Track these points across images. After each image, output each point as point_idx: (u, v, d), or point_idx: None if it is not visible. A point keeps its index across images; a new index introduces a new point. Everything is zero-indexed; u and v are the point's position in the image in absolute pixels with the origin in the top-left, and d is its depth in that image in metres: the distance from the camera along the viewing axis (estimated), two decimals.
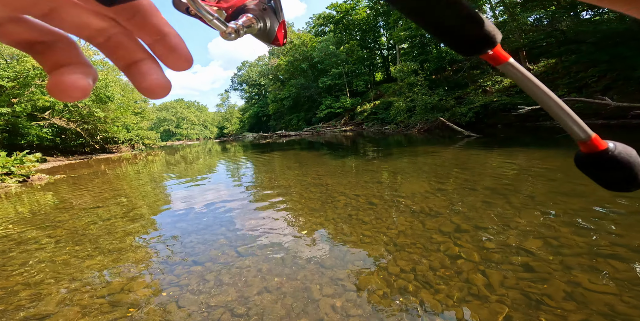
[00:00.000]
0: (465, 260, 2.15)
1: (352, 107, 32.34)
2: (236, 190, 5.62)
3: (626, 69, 12.14)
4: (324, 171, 6.84)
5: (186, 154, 20.09)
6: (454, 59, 20.62)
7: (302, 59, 39.80)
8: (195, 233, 3.36)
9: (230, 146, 26.29)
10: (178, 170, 10.45)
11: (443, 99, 18.22)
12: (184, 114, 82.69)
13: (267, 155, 13.00)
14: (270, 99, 47.93)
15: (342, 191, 4.52)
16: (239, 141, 39.77)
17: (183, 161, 14.86)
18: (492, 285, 1.83)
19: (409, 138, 14.56)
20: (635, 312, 1.46)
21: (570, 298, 1.64)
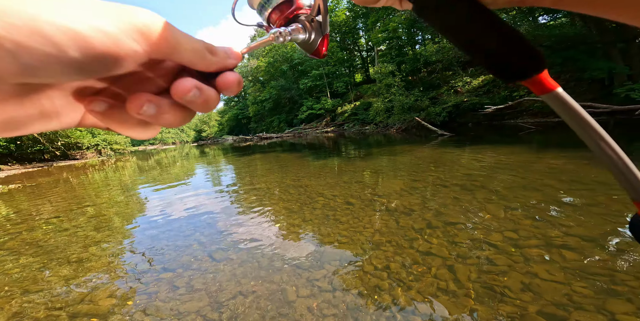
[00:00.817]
0: (435, 256, 2.24)
1: (333, 109, 32.60)
2: (214, 194, 5.46)
3: (577, 71, 13.28)
4: (304, 172, 6.83)
5: (161, 159, 19.22)
6: (428, 61, 21.43)
7: (282, 61, 39.53)
8: (167, 240, 3.22)
9: (209, 150, 25.52)
10: (152, 176, 9.96)
11: (419, 100, 18.87)
12: None
13: (247, 158, 12.76)
14: (250, 101, 47.11)
15: (321, 192, 4.53)
16: (218, 144, 38.73)
17: (158, 166, 14.20)
18: (460, 280, 1.91)
19: (388, 138, 14.92)
20: (585, 300, 1.59)
21: (528, 289, 1.75)
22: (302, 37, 0.26)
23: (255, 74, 47.96)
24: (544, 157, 5.39)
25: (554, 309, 1.55)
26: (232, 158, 13.75)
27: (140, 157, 24.16)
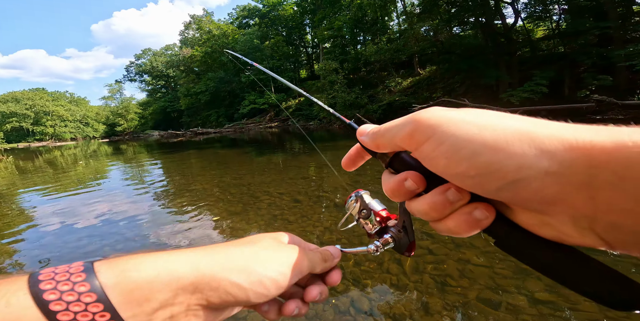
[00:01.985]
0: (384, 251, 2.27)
1: (277, 104, 31.77)
2: (136, 198, 4.58)
3: (477, 77, 15.94)
4: (246, 169, 6.36)
5: (54, 159, 15.42)
6: (368, 61, 22.70)
7: (222, 51, 36.35)
8: (71, 253, 2.51)
9: (126, 147, 21.83)
10: (43, 180, 7.88)
11: (359, 97, 19.87)
12: (47, 108, 60.27)
13: (179, 156, 11.31)
14: (182, 93, 42.07)
15: (266, 190, 4.24)
16: (139, 140, 33.53)
17: (50, 167, 11.35)
18: (407, 273, 1.96)
19: (331, 133, 15.29)
20: (507, 282, 1.79)
21: (463, 275, 1.90)
22: (392, 245, 0.31)
23: (188, 64, 42.95)
24: None
25: (489, 293, 1.70)
26: (160, 156, 12.00)
27: (21, 157, 18.85)
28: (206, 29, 40.51)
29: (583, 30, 12.05)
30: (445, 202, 0.20)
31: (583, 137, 0.15)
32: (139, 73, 58.91)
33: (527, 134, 0.16)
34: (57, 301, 0.17)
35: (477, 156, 0.17)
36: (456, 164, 0.18)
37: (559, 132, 0.16)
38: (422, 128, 0.20)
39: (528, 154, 0.16)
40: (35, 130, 59.60)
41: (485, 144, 0.17)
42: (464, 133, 0.18)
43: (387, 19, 26.36)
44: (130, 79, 60.82)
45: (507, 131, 0.17)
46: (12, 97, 59.64)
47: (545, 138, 0.16)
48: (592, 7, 11.84)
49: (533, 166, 0.16)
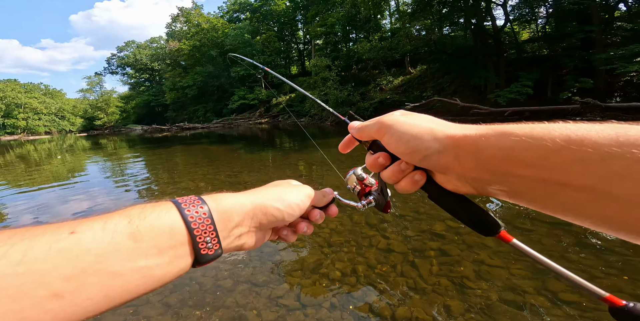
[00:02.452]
0: (396, 253, 2.21)
1: (267, 99, 31.16)
2: (119, 196, 4.32)
3: (466, 77, 16.26)
4: (240, 166, 6.17)
5: (27, 153, 14.51)
6: (360, 58, 22.67)
7: (212, 45, 35.07)
8: None
9: (106, 141, 20.86)
10: (13, 175, 7.35)
11: (351, 95, 19.83)
12: (19, 100, 56.54)
13: (164, 151, 10.87)
14: (167, 86, 40.51)
15: None
16: (121, 134, 32.15)
17: (22, 162, 10.64)
18: (423, 276, 1.91)
19: (322, 130, 15.18)
20: (526, 283, 1.77)
21: (480, 276, 1.87)
22: (374, 204, 0.42)
23: (175, 57, 41.34)
24: None
25: (509, 294, 1.68)
26: (144, 151, 11.48)
27: None
28: (195, 22, 39.15)
29: (568, 34, 12.49)
30: (399, 170, 0.33)
31: (460, 131, 0.28)
32: (121, 66, 56.56)
33: (432, 130, 0.30)
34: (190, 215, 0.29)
35: (408, 142, 0.31)
36: (399, 147, 0.32)
37: (448, 129, 0.29)
38: (384, 126, 0.33)
39: (430, 140, 0.29)
40: (6, 123, 55.80)
41: (412, 136, 0.30)
42: (403, 130, 0.31)
43: (379, 17, 26.36)
44: (112, 72, 58.28)
45: (423, 128, 0.30)
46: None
47: (439, 132, 0.29)
48: (577, 11, 12.26)
49: (431, 147, 0.29)
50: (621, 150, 0.18)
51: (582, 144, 0.20)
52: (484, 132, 0.26)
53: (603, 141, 0.19)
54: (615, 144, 0.19)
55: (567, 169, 0.21)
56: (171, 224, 0.27)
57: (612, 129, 0.20)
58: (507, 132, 0.25)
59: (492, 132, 0.26)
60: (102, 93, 58.52)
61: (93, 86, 59.64)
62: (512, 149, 0.24)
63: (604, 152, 0.19)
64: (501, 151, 0.24)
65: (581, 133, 0.21)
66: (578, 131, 0.21)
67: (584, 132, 0.21)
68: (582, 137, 0.20)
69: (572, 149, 0.20)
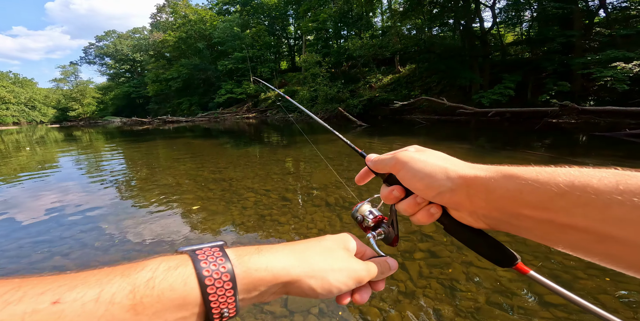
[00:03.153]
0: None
1: (255, 94, 30.49)
2: (95, 190, 4.04)
3: (453, 77, 16.56)
4: (225, 162, 5.95)
5: None
6: (351, 55, 22.55)
7: (199, 38, 33.83)
8: (13, 263, 2.08)
9: (80, 133, 19.74)
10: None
11: (340, 91, 19.72)
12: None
13: (145, 145, 10.38)
14: (150, 78, 38.86)
15: (250, 187, 3.96)
16: (97, 126, 30.57)
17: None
18: (413, 278, 1.87)
19: (311, 126, 15.02)
20: (513, 285, 1.77)
21: (470, 279, 1.85)
22: (382, 236, 0.42)
23: (159, 48, 39.58)
24: (441, 149, 6.41)
25: (497, 296, 1.67)
26: (122, 144, 10.92)
27: None
28: (182, 13, 37.55)
29: (550, 38, 12.91)
30: (415, 203, 0.34)
31: (472, 172, 0.30)
32: (100, 56, 54.04)
33: (445, 169, 0.31)
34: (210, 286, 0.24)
35: (422, 179, 0.32)
36: (414, 183, 0.33)
37: (461, 169, 0.31)
38: (399, 162, 0.35)
39: (443, 179, 0.31)
40: None
41: (426, 174, 0.32)
42: (418, 167, 0.33)
43: (371, 15, 26.26)
44: (89, 62, 55.46)
45: (437, 167, 0.32)
46: None
47: (452, 172, 0.31)
48: (560, 16, 12.66)
49: (444, 186, 0.31)
50: (622, 197, 0.20)
51: (585, 191, 0.22)
52: (494, 175, 0.28)
53: (605, 188, 0.21)
54: (616, 191, 0.21)
55: (571, 212, 0.22)
56: (185, 296, 0.23)
57: (613, 177, 0.22)
58: (514, 176, 0.26)
59: (501, 174, 0.27)
60: (78, 83, 55.50)
61: (67, 76, 56.34)
62: (519, 191, 0.25)
63: (606, 198, 0.21)
64: (509, 193, 0.26)
65: (584, 180, 0.22)
66: (581, 178, 0.23)
67: (586, 179, 0.22)
68: (585, 183, 0.22)
69: (576, 194, 0.22)
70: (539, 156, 5.34)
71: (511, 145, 6.84)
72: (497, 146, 6.90)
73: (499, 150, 6.32)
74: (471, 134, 9.64)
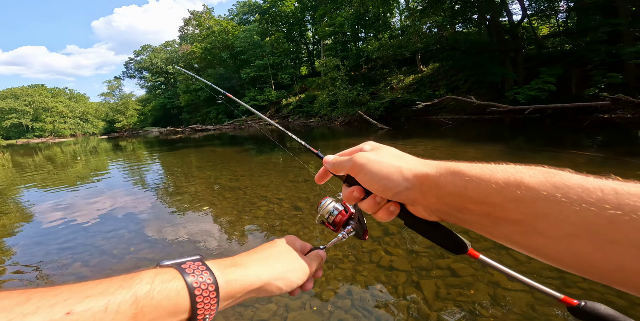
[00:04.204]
0: (399, 271, 1.98)
1: (277, 100, 31.27)
2: (138, 196, 4.30)
3: (481, 75, 15.52)
4: (243, 170, 6.07)
5: (54, 155, 15.20)
6: (369, 57, 22.30)
7: (222, 48, 35.64)
8: (64, 253, 2.23)
9: (125, 144, 21.56)
10: (40, 176, 7.63)
11: (360, 94, 19.47)
12: (46, 104, 59.54)
13: (178, 153, 11.02)
14: (181, 89, 41.43)
15: (263, 195, 3.96)
16: (139, 136, 33.25)
17: (49, 163, 11.11)
18: (428, 299, 1.68)
19: (332, 131, 14.97)
20: (549, 310, 1.51)
21: (495, 302, 1.62)
22: (353, 233, 0.43)
23: (188, 60, 42.34)
24: (470, 150, 5.95)
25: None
26: (158, 153, 11.71)
27: (20, 153, 18.75)
28: (206, 25, 39.91)
29: (592, 27, 11.68)
30: (375, 203, 0.36)
31: (424, 169, 0.32)
32: (138, 69, 58.54)
33: (400, 169, 0.33)
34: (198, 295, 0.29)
35: (380, 181, 0.34)
36: (372, 185, 0.35)
37: (414, 167, 0.33)
38: (356, 165, 0.36)
39: (399, 179, 0.33)
40: (35, 126, 59.14)
41: (383, 176, 0.33)
42: (375, 170, 0.34)
43: (389, 16, 25.83)
44: (130, 76, 60.45)
45: (393, 168, 0.33)
46: (11, 93, 59.01)
47: (406, 171, 0.33)
48: (601, 5, 11.44)
49: (400, 185, 0.33)
50: (546, 193, 0.23)
51: (518, 187, 0.24)
52: (443, 172, 0.30)
53: (534, 185, 0.23)
54: (542, 187, 0.23)
55: (505, 206, 0.25)
56: (177, 304, 0.27)
57: (542, 174, 0.24)
58: (461, 172, 0.29)
59: (450, 171, 0.30)
60: (122, 96, 60.71)
61: (113, 90, 62.12)
62: (464, 187, 0.28)
63: (534, 194, 0.23)
64: (456, 189, 0.28)
65: (518, 177, 0.25)
66: (516, 174, 0.25)
67: (520, 176, 0.25)
68: (518, 180, 0.25)
69: (510, 190, 0.25)
70: (589, 156, 4.71)
71: (555, 145, 6.12)
72: (538, 146, 6.19)
73: (540, 151, 5.62)
74: (506, 133, 8.92)
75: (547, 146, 5.98)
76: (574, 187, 0.22)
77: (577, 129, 7.83)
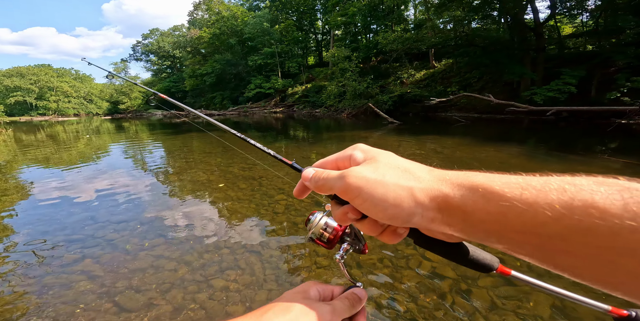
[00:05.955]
0: (443, 279, 1.81)
1: (283, 89, 30.78)
2: (139, 177, 4.13)
3: (498, 73, 15.03)
4: (254, 157, 5.86)
5: (56, 134, 15.05)
6: (381, 50, 21.64)
7: (231, 34, 34.83)
8: (66, 230, 2.09)
9: (128, 125, 21.33)
10: (43, 154, 7.47)
11: (369, 87, 19.02)
12: (51, 84, 60.70)
13: (181, 136, 10.82)
14: (187, 74, 41.00)
15: (280, 187, 3.78)
16: (142, 118, 33.01)
17: (51, 142, 10.94)
18: (481, 311, 1.51)
19: (338, 122, 14.69)
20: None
21: (560, 313, 1.45)
22: (351, 250, 0.38)
23: (195, 45, 41.56)
24: (486, 151, 5.70)
25: None
26: (161, 136, 11.52)
27: (22, 130, 18.61)
28: (216, 10, 38.89)
29: (622, 28, 11.16)
30: (378, 226, 0.30)
31: (442, 190, 0.25)
32: (145, 53, 58.37)
33: (411, 192, 0.26)
34: None
35: (386, 210, 0.26)
36: (375, 214, 0.27)
37: (428, 185, 0.26)
38: (351, 189, 0.28)
39: (412, 207, 0.26)
40: (39, 105, 60.17)
41: (390, 204, 0.26)
42: (378, 195, 0.26)
43: (403, 8, 24.95)
44: (136, 59, 60.30)
45: (401, 190, 0.26)
46: (16, 72, 59.91)
47: (419, 193, 0.26)
48: (635, 4, 10.87)
49: (414, 213, 0.26)
50: (635, 223, 0.17)
51: (588, 214, 0.18)
52: (467, 192, 0.24)
53: (613, 210, 0.17)
54: (627, 215, 0.17)
55: (568, 238, 0.19)
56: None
57: (619, 194, 0.18)
58: (494, 194, 0.22)
59: (479, 194, 0.23)
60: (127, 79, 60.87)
61: (119, 72, 61.75)
62: (503, 214, 0.22)
63: (614, 224, 0.17)
64: (491, 216, 0.22)
65: (584, 198, 0.19)
66: (580, 194, 0.19)
67: (587, 197, 0.19)
68: (586, 204, 0.18)
69: (576, 218, 0.18)
70: (622, 163, 4.44)
71: (580, 149, 5.80)
72: (561, 149, 5.80)
73: (564, 156, 5.20)
74: (520, 134, 8.65)
75: (572, 150, 5.69)
76: None
77: (599, 134, 7.55)
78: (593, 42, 14.43)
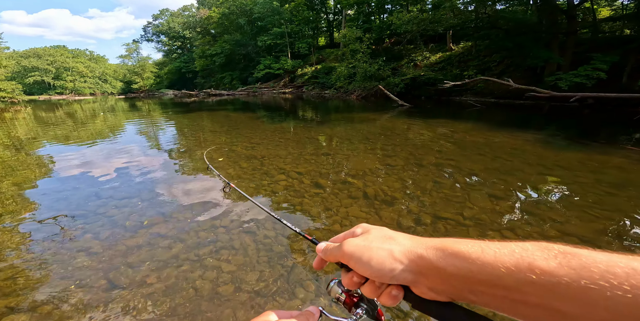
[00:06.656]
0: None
1: (292, 70, 29.95)
2: (153, 154, 4.16)
3: (520, 57, 13.99)
4: (259, 137, 5.80)
5: (74, 112, 15.34)
6: (394, 32, 20.40)
7: (240, 13, 33.52)
8: (86, 206, 2.13)
9: (141, 104, 21.53)
10: (61, 132, 7.65)
11: (381, 69, 18.24)
12: (67, 64, 62.62)
13: (191, 115, 10.84)
14: (197, 54, 40.32)
15: (282, 168, 3.72)
16: (154, 98, 33.26)
17: (69, 119, 11.17)
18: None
19: (347, 104, 14.30)
20: None
21: None
22: (366, 316, 0.40)
23: (205, 25, 40.40)
24: (499, 136, 5.42)
25: None
26: (173, 115, 11.55)
27: (42, 109, 19.09)
28: None
29: None
30: (376, 288, 0.34)
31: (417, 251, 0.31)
32: (156, 33, 58.00)
33: (391, 252, 0.32)
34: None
35: (372, 268, 0.32)
36: (366, 272, 0.33)
37: (407, 248, 0.32)
38: (346, 255, 0.35)
39: (392, 263, 0.31)
40: (56, 84, 62.78)
41: (376, 262, 0.32)
42: (366, 258, 0.33)
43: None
44: (148, 39, 60.06)
45: (383, 252, 0.32)
46: (33, 53, 61.79)
47: (397, 253, 0.32)
48: None
49: (396, 269, 0.31)
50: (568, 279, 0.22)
51: (531, 271, 0.23)
52: (440, 252, 0.29)
53: (551, 269, 0.23)
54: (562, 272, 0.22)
55: (521, 290, 0.24)
56: None
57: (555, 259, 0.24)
58: (460, 254, 0.28)
59: (447, 253, 0.29)
60: (139, 59, 62.01)
61: (131, 53, 62.57)
62: (469, 270, 0.26)
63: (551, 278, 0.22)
64: (461, 271, 0.27)
65: (529, 259, 0.24)
66: (525, 257, 0.25)
67: (531, 259, 0.24)
68: (530, 263, 0.24)
69: (523, 274, 0.24)
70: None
71: (604, 137, 5.45)
72: (583, 137, 5.31)
73: (587, 143, 4.85)
74: (538, 121, 8.18)
75: (593, 139, 5.26)
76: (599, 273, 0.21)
77: (625, 123, 7.04)
78: (632, 26, 13.12)
